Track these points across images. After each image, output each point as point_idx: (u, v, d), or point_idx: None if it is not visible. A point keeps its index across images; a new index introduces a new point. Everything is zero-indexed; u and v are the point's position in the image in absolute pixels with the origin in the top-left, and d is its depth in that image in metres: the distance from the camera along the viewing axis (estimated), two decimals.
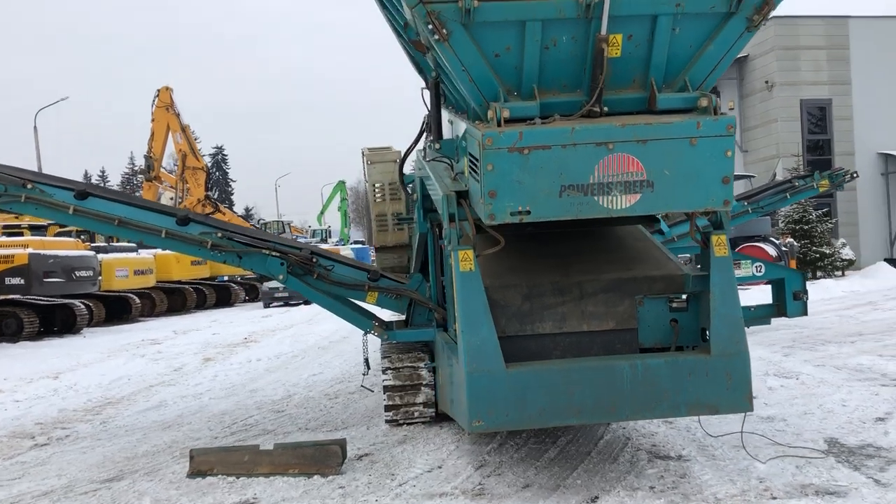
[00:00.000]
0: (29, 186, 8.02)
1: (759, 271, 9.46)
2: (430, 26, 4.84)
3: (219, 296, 33.42)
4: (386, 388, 8.08)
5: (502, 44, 5.04)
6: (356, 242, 62.32)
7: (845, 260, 24.05)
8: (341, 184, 72.56)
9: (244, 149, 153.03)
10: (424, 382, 8.09)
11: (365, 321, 8.33)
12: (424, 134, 8.69)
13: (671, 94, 5.19)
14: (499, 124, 4.91)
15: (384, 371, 8.15)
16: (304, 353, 15.22)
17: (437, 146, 6.11)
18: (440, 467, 6.61)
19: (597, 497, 5.61)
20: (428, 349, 8.33)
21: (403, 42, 7.55)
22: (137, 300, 26.71)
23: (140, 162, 49.51)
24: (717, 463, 6.28)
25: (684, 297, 5.82)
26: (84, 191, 8.11)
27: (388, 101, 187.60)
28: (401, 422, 8.14)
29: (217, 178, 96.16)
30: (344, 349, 15.49)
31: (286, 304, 30.71)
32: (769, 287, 9.09)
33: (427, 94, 7.52)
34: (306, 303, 30.14)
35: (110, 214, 8.04)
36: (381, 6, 6.84)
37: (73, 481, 6.90)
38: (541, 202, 4.93)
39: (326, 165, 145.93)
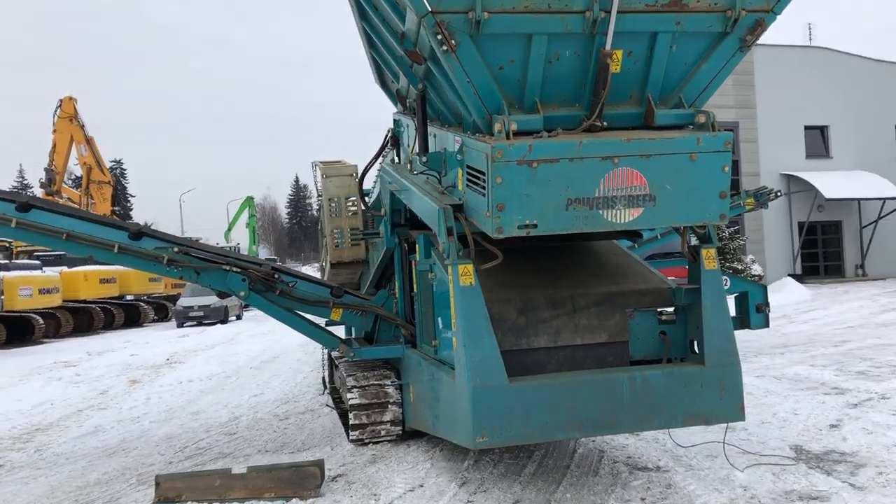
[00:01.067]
0: None
1: (726, 285, 9.75)
2: (439, 36, 4.78)
3: (127, 315, 32.10)
4: (353, 407, 7.88)
5: (507, 56, 5.03)
6: (269, 259, 61.05)
7: (755, 275, 25.11)
8: (249, 199, 70.91)
9: (143, 163, 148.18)
10: (392, 400, 7.94)
11: (329, 338, 8.14)
12: (387, 148, 8.61)
13: (669, 110, 5.29)
14: (507, 137, 4.88)
15: (350, 389, 7.95)
16: (236, 374, 14.75)
17: (425, 159, 6.03)
18: (422, 486, 6.48)
19: None
20: (391, 367, 8.19)
21: (375, 54, 7.45)
22: (41, 321, 25.36)
23: (33, 175, 47.25)
24: (696, 473, 6.38)
25: (672, 309, 5.92)
26: (27, 202, 7.63)
27: (300, 116, 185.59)
28: (366, 441, 7.95)
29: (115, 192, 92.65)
30: (278, 369, 15.10)
31: (200, 324, 29.74)
32: (731, 300, 9.35)
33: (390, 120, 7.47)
34: (222, 322, 29.38)
35: (57, 228, 7.59)
36: (360, 18, 6.73)
37: None
38: (548, 216, 4.92)
39: (233, 181, 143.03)
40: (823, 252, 34.86)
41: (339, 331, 9.38)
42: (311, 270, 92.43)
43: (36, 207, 7.68)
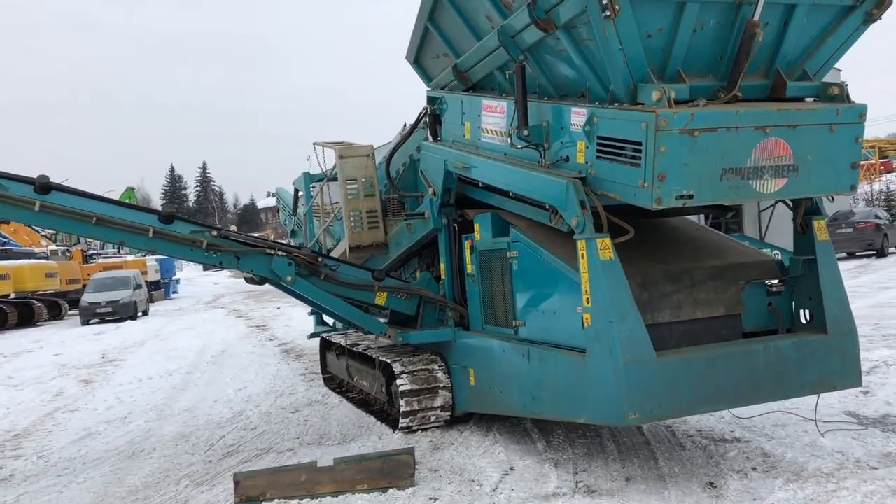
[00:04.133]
0: None
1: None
2: (605, 1, 4.64)
3: (20, 314, 29.86)
4: (403, 394, 7.60)
5: (656, 24, 4.94)
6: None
7: None
8: (130, 190, 67.44)
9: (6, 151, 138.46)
10: (442, 385, 7.71)
11: (377, 324, 7.80)
12: (422, 124, 8.33)
13: (800, 82, 5.35)
14: (669, 105, 4.79)
15: (399, 375, 7.67)
16: (195, 370, 13.96)
17: (526, 133, 5.84)
18: (513, 469, 6.32)
19: (712, 483, 5.64)
20: (433, 351, 7.96)
21: (435, 27, 7.17)
22: None
23: None
24: (780, 441, 6.52)
25: (777, 281, 6.00)
26: (46, 184, 6.89)
27: (167, 104, 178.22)
28: (415, 428, 7.69)
29: None
30: (239, 363, 14.44)
31: (103, 321, 27.85)
32: None
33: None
34: (132, 318, 27.91)
35: (86, 211, 6.91)
36: None
37: None
38: (704, 186, 4.88)
39: (103, 171, 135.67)
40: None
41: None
42: (195, 266, 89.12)
43: (55, 189, 6.97)
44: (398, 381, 7.65)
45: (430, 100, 8.12)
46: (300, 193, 13.89)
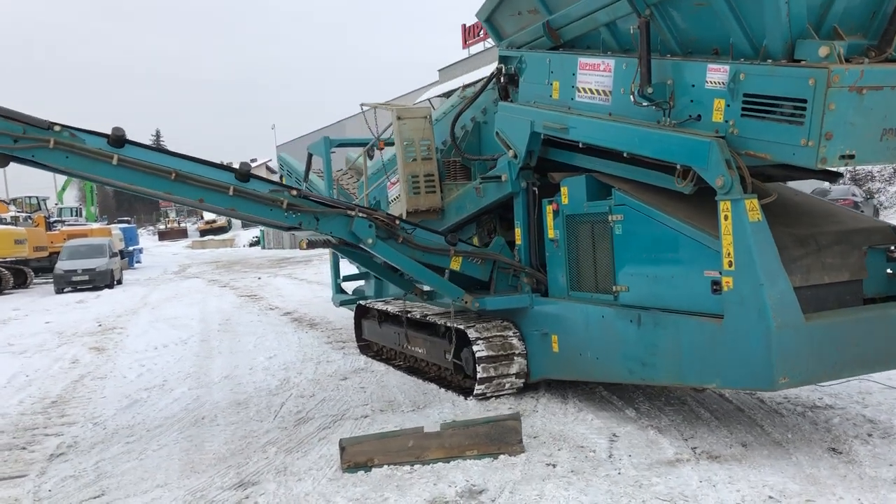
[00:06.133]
0: (56, 128, 6.31)
1: None
2: None
3: None
4: (480, 360, 7.44)
5: None
6: (121, 221, 56.85)
7: None
8: None
9: None
10: (517, 351, 7.58)
11: (454, 289, 7.60)
12: (493, 82, 8.11)
13: None
14: (840, 62, 4.66)
15: (475, 342, 7.50)
16: (209, 338, 13.55)
17: (650, 90, 5.67)
18: (616, 436, 6.23)
19: (835, 448, 5.62)
20: (505, 317, 7.81)
21: None
22: None
23: None
24: (876, 408, 6.56)
25: (894, 247, 5.97)
26: (121, 137, 6.52)
27: (126, 68, 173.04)
28: (489, 395, 7.56)
29: None
30: (251, 330, 14.13)
31: (76, 290, 26.97)
32: None
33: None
34: (109, 287, 27.21)
35: (165, 166, 6.56)
36: None
37: (194, 489, 5.58)
38: (865, 146, 4.79)
39: None
40: None
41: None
42: (149, 236, 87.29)
43: (129, 143, 6.60)
44: (475, 348, 7.48)
45: (504, 59, 7.90)
46: (314, 159, 13.51)
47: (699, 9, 5.41)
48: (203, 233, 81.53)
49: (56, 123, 6.33)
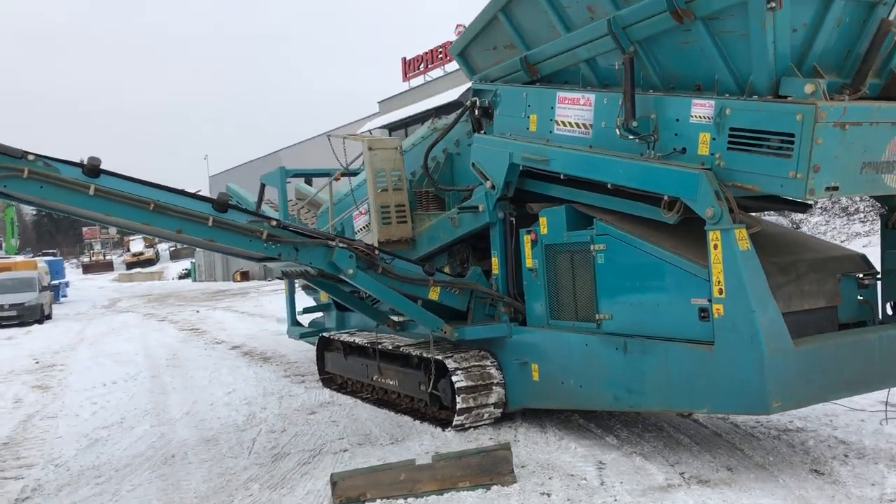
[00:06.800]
0: (31, 157, 6.11)
1: None
2: None
3: None
4: (460, 391, 7.44)
5: (802, 19, 5.06)
6: (45, 254, 54.78)
7: None
8: (10, 208, 63.20)
9: None
10: (496, 381, 7.61)
11: (433, 319, 7.59)
12: (464, 117, 8.22)
13: None
14: (825, 98, 4.90)
15: (454, 372, 7.50)
16: (159, 374, 13.13)
17: (635, 124, 5.84)
18: (603, 463, 6.30)
19: (817, 470, 5.79)
20: (481, 347, 7.84)
21: (509, 18, 7.07)
22: None
23: None
24: (845, 430, 6.79)
25: (861, 275, 6.23)
26: (95, 166, 6.35)
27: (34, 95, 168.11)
28: (468, 426, 7.55)
29: None
30: (204, 365, 13.76)
31: (1, 326, 25.76)
32: None
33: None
34: (38, 322, 26.24)
35: (143, 197, 6.41)
36: None
37: None
38: (847, 179, 5.03)
39: None
40: None
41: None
42: (72, 269, 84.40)
43: (104, 173, 6.43)
44: (454, 378, 7.48)
45: (478, 92, 8.01)
46: (266, 188, 13.37)
47: (685, 46, 5.62)
48: (130, 265, 79.35)
49: (29, 152, 6.12)
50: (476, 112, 7.99)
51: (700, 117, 5.53)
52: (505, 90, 7.62)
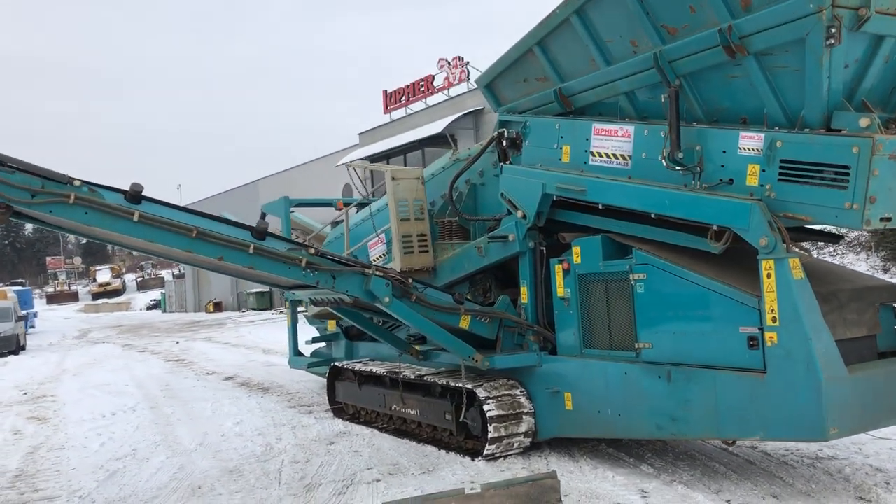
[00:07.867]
0: (77, 183, 6.06)
1: None
2: (833, 29, 4.88)
3: None
4: (492, 420, 7.43)
5: (854, 56, 5.23)
6: (13, 283, 53.67)
7: None
8: None
9: None
10: (525, 410, 7.62)
11: (465, 348, 7.60)
12: (491, 147, 8.31)
13: None
14: (881, 131, 5.06)
15: (485, 401, 7.50)
16: (158, 405, 12.90)
17: (681, 155, 5.96)
18: (646, 492, 6.33)
19: (862, 497, 5.87)
20: (509, 376, 7.85)
21: (545, 53, 7.19)
22: None
23: None
24: (877, 457, 6.91)
25: None
26: (137, 192, 6.32)
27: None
28: (498, 455, 7.54)
29: None
30: (202, 396, 13.53)
31: None
32: None
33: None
34: (14, 353, 25.69)
35: (186, 224, 6.38)
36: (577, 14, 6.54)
37: None
38: None
39: None
40: None
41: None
42: (36, 299, 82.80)
43: (146, 199, 6.40)
44: (485, 407, 7.47)
45: (505, 123, 8.12)
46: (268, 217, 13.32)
47: (732, 80, 5.77)
48: (96, 296, 77.98)
49: (75, 178, 6.07)
50: (503, 143, 8.09)
51: (749, 149, 5.66)
52: (535, 121, 7.73)
